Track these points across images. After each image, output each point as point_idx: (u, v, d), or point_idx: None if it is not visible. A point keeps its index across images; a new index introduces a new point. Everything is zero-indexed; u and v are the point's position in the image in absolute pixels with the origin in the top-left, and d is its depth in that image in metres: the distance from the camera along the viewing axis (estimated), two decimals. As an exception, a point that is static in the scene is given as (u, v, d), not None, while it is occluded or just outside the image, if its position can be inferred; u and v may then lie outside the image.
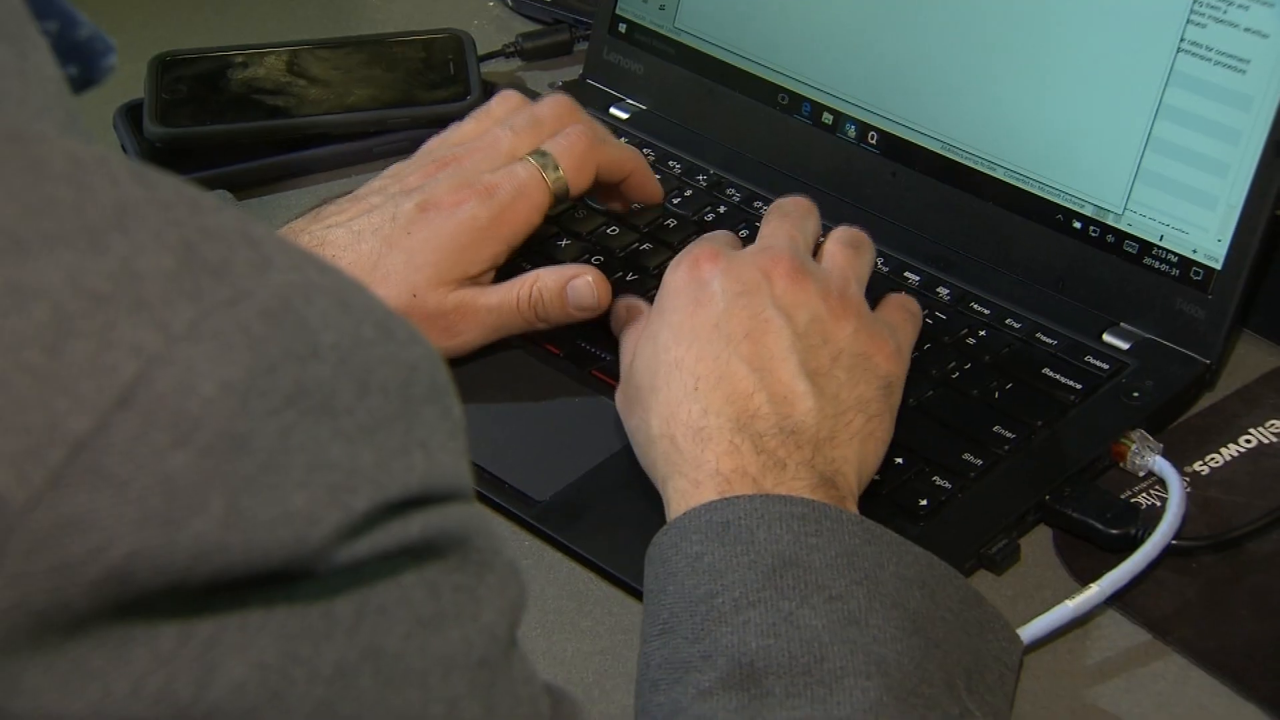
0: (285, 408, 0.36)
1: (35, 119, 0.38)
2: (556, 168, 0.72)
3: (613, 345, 0.74)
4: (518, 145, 0.73)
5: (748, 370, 0.62)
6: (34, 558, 0.34)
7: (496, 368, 0.73)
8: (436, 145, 0.76)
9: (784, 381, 0.62)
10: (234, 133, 0.86)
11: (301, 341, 0.36)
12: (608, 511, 0.67)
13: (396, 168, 0.76)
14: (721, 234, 0.71)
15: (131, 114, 0.88)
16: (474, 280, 0.72)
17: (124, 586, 0.35)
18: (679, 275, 0.66)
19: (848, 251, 0.68)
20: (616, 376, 0.72)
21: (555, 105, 0.75)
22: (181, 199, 0.37)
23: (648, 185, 0.77)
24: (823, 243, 0.69)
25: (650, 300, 0.68)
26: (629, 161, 0.76)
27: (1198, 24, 0.71)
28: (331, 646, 0.37)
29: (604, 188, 0.77)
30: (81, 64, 0.46)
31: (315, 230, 0.72)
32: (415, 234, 0.70)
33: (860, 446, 0.62)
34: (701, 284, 0.64)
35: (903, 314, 0.69)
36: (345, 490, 0.37)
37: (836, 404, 0.62)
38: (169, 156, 0.86)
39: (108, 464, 0.34)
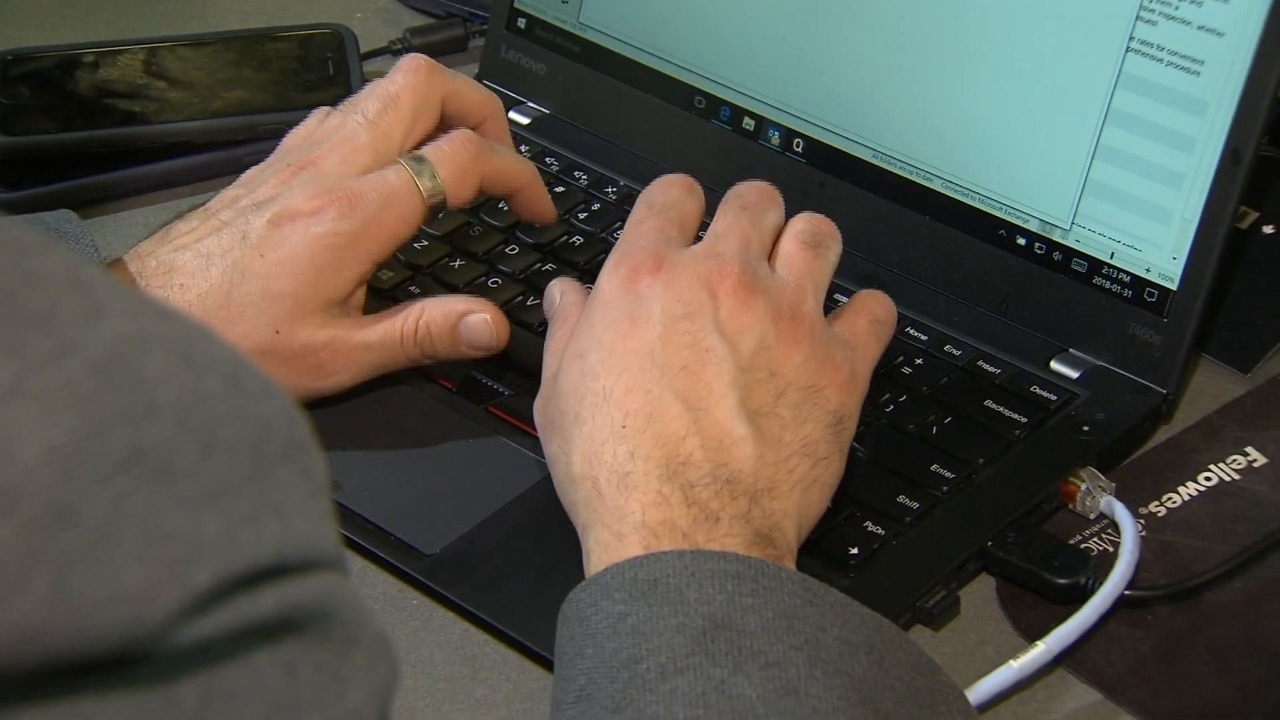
0: (117, 474, 0.36)
1: None
2: (434, 176, 0.71)
3: (512, 379, 0.74)
4: (378, 138, 0.72)
5: (682, 409, 0.62)
6: None
7: (380, 405, 0.73)
8: (294, 142, 0.75)
9: (721, 423, 0.62)
10: (83, 142, 0.86)
11: (136, 399, 0.36)
12: (506, 566, 0.67)
13: (250, 174, 0.74)
14: (677, 188, 0.69)
15: (-34, 120, 0.87)
16: (340, 305, 0.71)
17: None
18: (615, 283, 0.65)
19: (806, 254, 0.67)
20: (516, 414, 0.72)
21: (408, 72, 0.73)
22: (1, 240, 0.36)
23: (539, 203, 0.76)
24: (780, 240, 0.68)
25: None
26: (520, 175, 0.74)
27: (1148, 21, 0.72)
28: None
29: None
30: None
31: (162, 254, 0.71)
32: (269, 255, 0.69)
33: (802, 496, 0.63)
34: (639, 299, 0.64)
35: (867, 325, 0.68)
36: (186, 564, 0.37)
37: (778, 449, 0.62)
38: (8, 169, 0.85)
39: None
